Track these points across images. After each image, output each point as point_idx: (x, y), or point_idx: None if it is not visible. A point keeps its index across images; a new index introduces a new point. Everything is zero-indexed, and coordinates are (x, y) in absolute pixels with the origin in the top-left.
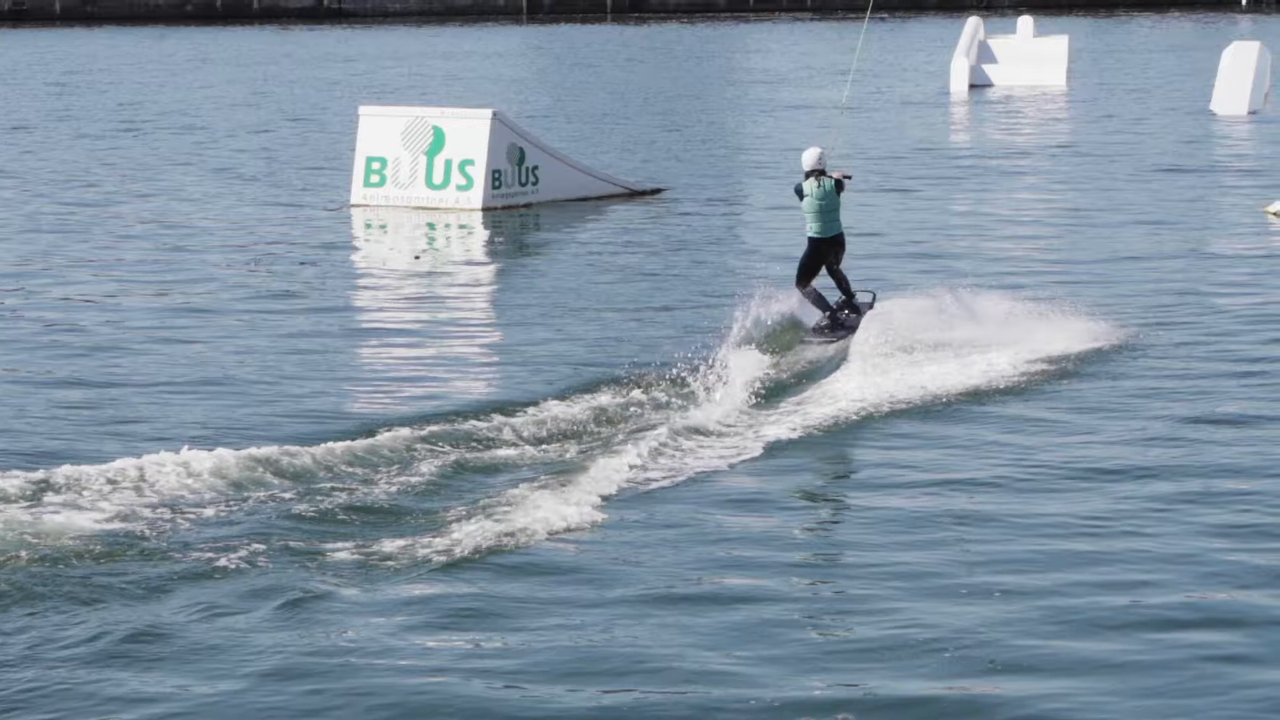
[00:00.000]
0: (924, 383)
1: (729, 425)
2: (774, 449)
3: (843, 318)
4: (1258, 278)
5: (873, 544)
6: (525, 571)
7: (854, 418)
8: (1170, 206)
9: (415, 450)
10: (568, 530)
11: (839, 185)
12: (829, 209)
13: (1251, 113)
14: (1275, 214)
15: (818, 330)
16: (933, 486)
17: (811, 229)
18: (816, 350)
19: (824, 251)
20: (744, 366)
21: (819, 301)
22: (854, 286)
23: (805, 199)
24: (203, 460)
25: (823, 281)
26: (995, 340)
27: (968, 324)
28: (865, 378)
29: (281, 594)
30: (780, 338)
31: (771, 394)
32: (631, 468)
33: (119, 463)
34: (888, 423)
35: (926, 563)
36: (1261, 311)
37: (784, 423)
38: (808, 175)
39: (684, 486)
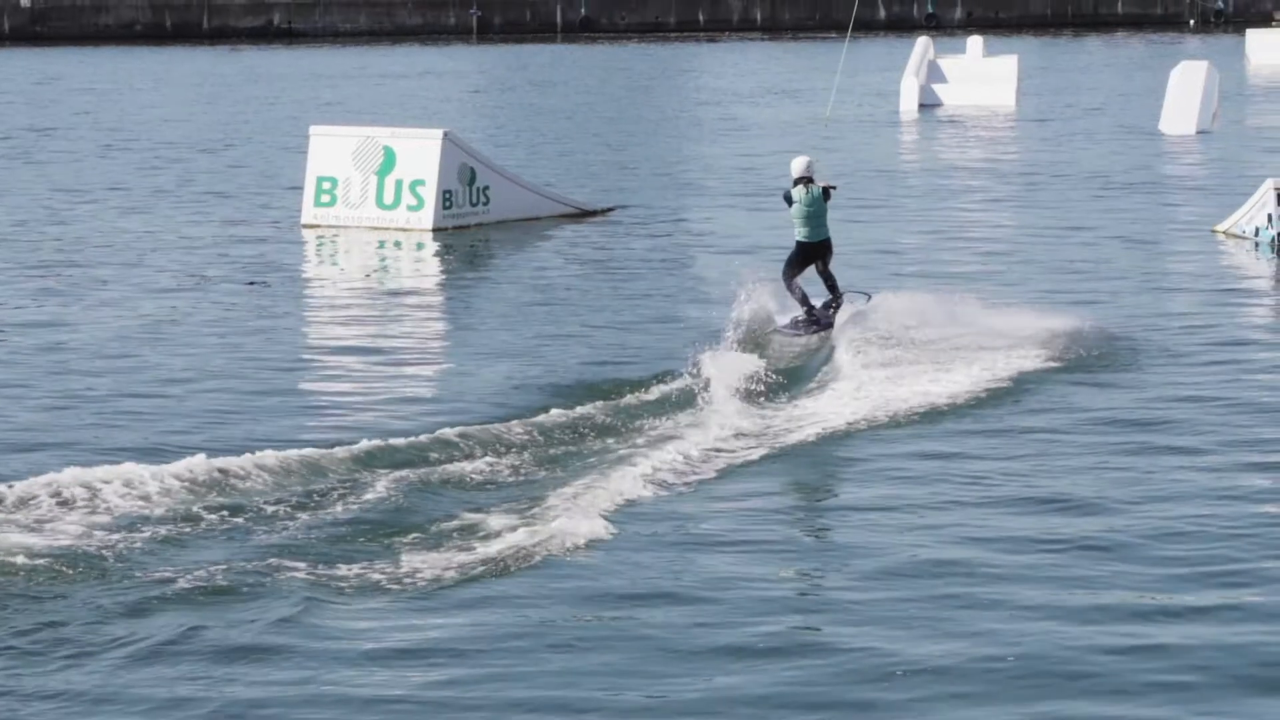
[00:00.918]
0: (884, 403)
1: (694, 440)
2: (750, 465)
3: (819, 315)
4: (1209, 297)
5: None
6: (484, 601)
7: (836, 433)
8: (1120, 226)
9: (365, 470)
10: (529, 552)
11: (826, 193)
12: (817, 215)
13: (1200, 132)
14: (1225, 233)
15: (792, 325)
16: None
17: (800, 234)
18: (781, 347)
19: (811, 255)
20: (721, 375)
21: (802, 299)
22: (845, 288)
23: (794, 205)
24: (148, 479)
25: (816, 287)
26: (956, 358)
27: (945, 331)
28: (842, 397)
29: (246, 614)
30: (747, 347)
31: (739, 409)
32: (589, 489)
33: (66, 475)
34: (856, 443)
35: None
36: (1213, 334)
37: (759, 438)
38: (796, 182)
39: (660, 504)
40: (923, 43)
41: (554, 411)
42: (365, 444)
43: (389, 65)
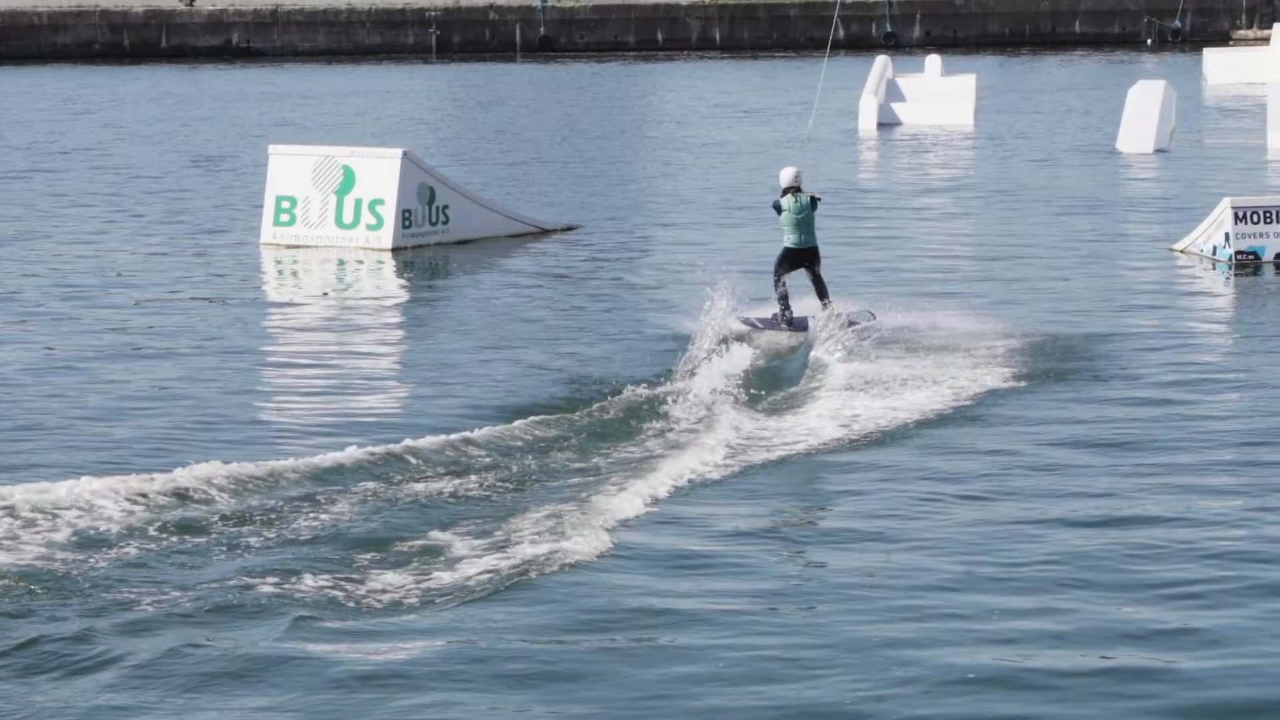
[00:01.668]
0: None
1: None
2: (725, 480)
3: (793, 320)
4: (1168, 315)
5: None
6: (454, 625)
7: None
8: (1079, 245)
9: (326, 487)
10: (505, 574)
11: (814, 202)
12: (805, 222)
13: (1157, 151)
14: (1183, 252)
15: (760, 319)
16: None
17: (788, 240)
18: (751, 353)
19: (799, 260)
20: (691, 390)
21: (782, 297)
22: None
23: (783, 213)
24: (105, 497)
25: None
26: (921, 374)
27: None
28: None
29: (215, 632)
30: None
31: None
32: (558, 510)
33: (18, 493)
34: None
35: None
36: (1172, 353)
37: (730, 455)
38: (785, 191)
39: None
40: (881, 61)
41: (516, 427)
42: (325, 460)
43: (348, 84)
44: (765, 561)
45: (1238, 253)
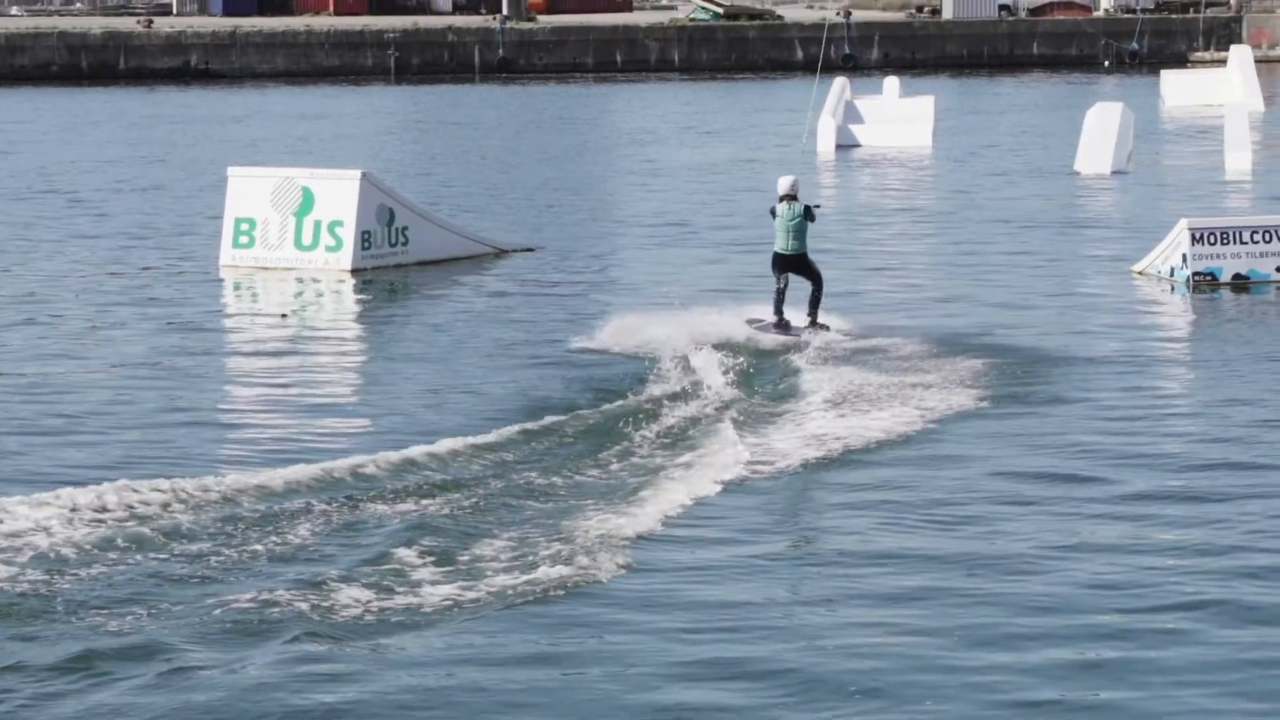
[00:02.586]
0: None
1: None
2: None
3: (785, 324)
4: (1127, 336)
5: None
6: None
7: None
8: (1037, 266)
9: (287, 507)
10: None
11: (808, 211)
12: (796, 230)
13: (1115, 172)
14: (1141, 273)
15: (763, 325)
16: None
17: (778, 245)
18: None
19: (787, 265)
20: (653, 404)
21: (778, 300)
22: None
23: (778, 219)
24: (57, 517)
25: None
26: (883, 394)
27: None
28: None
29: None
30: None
31: (678, 437)
32: (516, 530)
33: None
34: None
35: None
36: (1132, 376)
37: (700, 469)
38: (782, 199)
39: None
40: (840, 83)
41: (474, 447)
42: (290, 475)
43: (307, 106)
44: (736, 585)
45: (1195, 274)
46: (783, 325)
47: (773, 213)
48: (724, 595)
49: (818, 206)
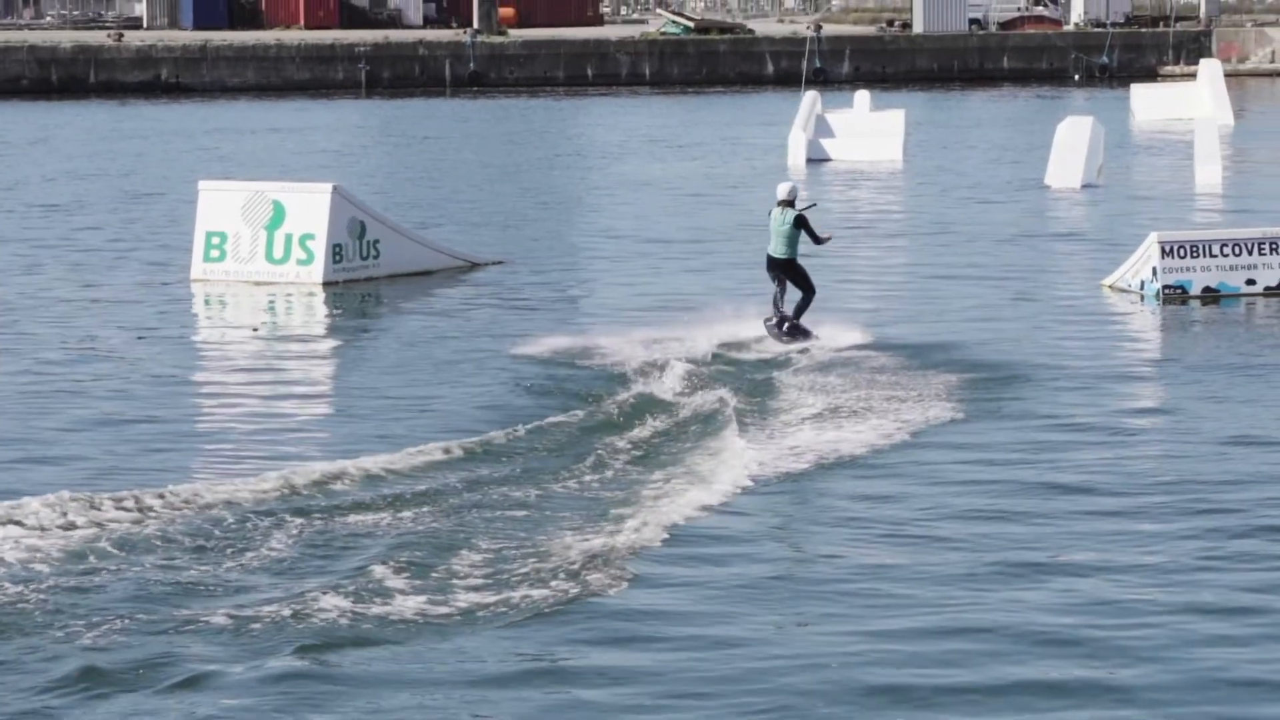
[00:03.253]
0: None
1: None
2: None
3: (783, 325)
4: (1098, 351)
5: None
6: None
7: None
8: (1008, 280)
9: (259, 518)
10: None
11: (799, 220)
12: (784, 236)
13: (1085, 186)
14: (1111, 287)
15: (769, 325)
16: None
17: (769, 247)
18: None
19: (775, 267)
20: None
21: (774, 301)
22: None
23: (771, 222)
24: (30, 526)
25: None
26: (858, 408)
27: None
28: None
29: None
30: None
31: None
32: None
33: None
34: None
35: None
36: (1102, 390)
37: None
38: (779, 204)
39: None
40: (810, 97)
41: (448, 459)
42: (258, 489)
43: (278, 120)
44: (717, 604)
45: (1165, 287)
46: (780, 325)
47: (770, 215)
48: (704, 612)
49: (812, 206)
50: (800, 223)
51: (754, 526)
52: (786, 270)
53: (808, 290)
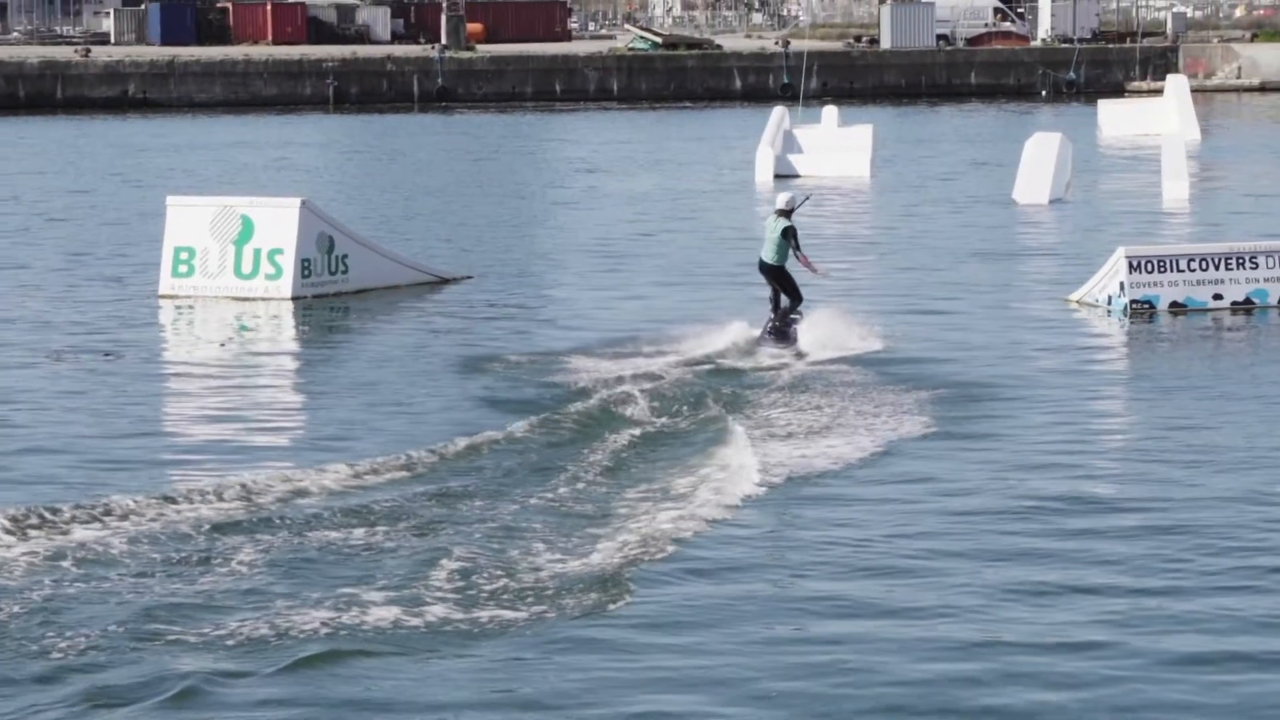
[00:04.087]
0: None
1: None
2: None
3: (781, 328)
4: (1065, 366)
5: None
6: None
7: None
8: (976, 295)
9: (223, 537)
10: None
11: (786, 231)
12: (777, 244)
13: (1053, 202)
14: (1078, 302)
15: (764, 335)
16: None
17: (762, 251)
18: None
19: (764, 271)
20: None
21: (771, 306)
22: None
23: (766, 229)
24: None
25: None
26: (829, 423)
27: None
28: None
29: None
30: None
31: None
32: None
33: None
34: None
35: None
36: (1069, 404)
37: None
38: (775, 211)
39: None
40: (778, 112)
41: (415, 474)
42: (225, 504)
43: (245, 135)
44: (691, 622)
45: (1133, 302)
46: (775, 331)
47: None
48: (682, 627)
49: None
50: (788, 234)
51: (724, 542)
52: (776, 277)
53: (794, 297)
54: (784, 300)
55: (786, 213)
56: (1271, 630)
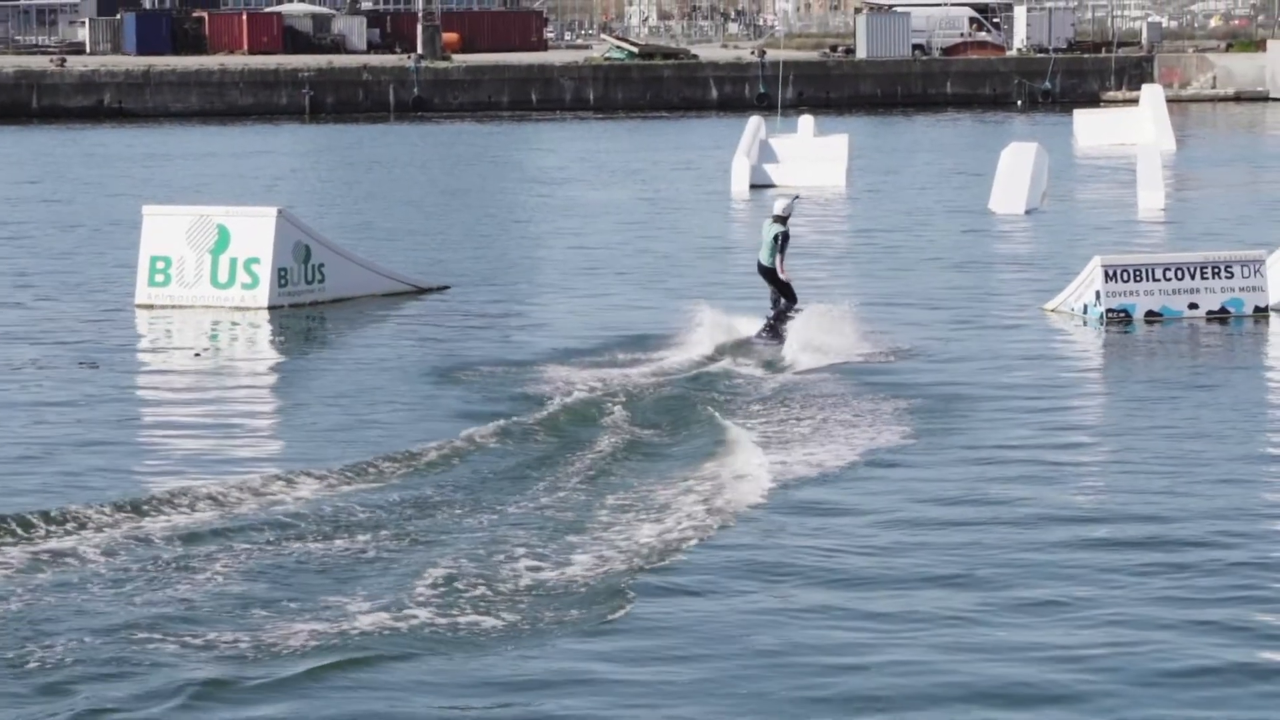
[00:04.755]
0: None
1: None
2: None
3: (775, 326)
4: (1041, 375)
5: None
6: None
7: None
8: (952, 305)
9: (200, 546)
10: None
11: (777, 237)
12: (770, 247)
13: (1029, 211)
14: (1054, 311)
15: (759, 335)
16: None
17: (759, 254)
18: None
19: (763, 273)
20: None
21: (774, 302)
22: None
23: (762, 231)
24: None
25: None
26: (807, 432)
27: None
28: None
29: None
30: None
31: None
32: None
33: None
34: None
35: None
36: (1045, 414)
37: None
38: (772, 216)
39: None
40: (754, 122)
41: (389, 484)
42: (199, 514)
43: (221, 144)
44: (671, 635)
45: (1109, 311)
46: (769, 329)
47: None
48: (662, 640)
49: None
50: (777, 239)
51: (704, 550)
52: (770, 278)
53: (788, 298)
54: (782, 301)
55: (783, 218)
56: (1247, 640)
